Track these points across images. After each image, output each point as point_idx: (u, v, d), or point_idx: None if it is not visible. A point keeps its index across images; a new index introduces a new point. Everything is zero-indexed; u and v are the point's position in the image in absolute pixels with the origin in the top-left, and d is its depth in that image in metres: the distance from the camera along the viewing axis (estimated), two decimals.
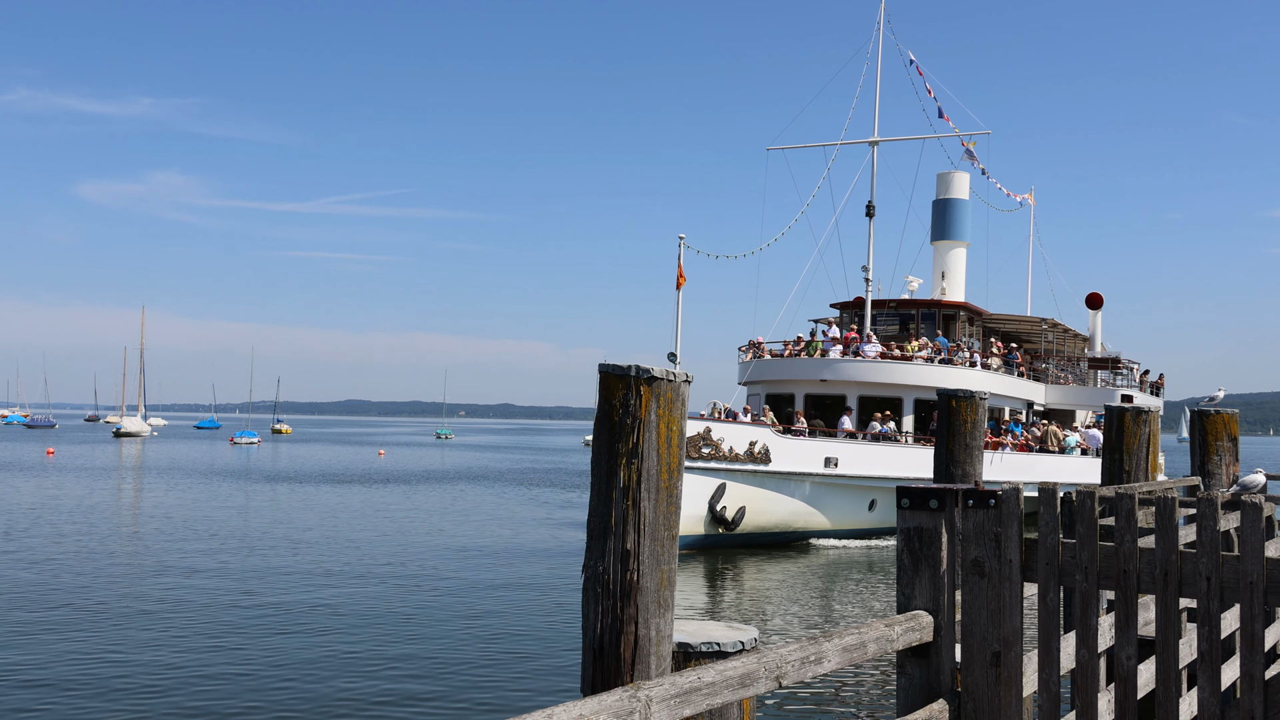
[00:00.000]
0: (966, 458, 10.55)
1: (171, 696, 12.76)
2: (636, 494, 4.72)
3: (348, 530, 31.08)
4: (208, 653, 14.97)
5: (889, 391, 33.65)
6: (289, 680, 13.64)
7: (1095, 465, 34.04)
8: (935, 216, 42.18)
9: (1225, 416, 10.27)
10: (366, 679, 13.75)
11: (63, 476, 51.81)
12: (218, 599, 19.20)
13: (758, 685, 3.84)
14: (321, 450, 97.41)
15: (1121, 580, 4.74)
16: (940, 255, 42.03)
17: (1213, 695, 4.65)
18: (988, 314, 39.90)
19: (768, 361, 35.09)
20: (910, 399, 33.71)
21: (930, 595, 4.99)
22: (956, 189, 41.87)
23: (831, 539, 30.60)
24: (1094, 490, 4.89)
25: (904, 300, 38.89)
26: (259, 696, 12.85)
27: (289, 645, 15.59)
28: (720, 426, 26.97)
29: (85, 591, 19.64)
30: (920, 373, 33.28)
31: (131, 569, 22.53)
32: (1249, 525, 4.54)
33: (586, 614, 4.81)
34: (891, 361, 33.56)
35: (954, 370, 33.53)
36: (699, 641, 4.82)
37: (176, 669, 14.02)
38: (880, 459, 30.77)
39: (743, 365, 35.68)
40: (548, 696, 13.17)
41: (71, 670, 13.86)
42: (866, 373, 33.34)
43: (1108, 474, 9.48)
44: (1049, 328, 42.57)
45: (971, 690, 4.93)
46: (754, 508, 27.84)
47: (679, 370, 5.03)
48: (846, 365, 33.55)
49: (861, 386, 33.69)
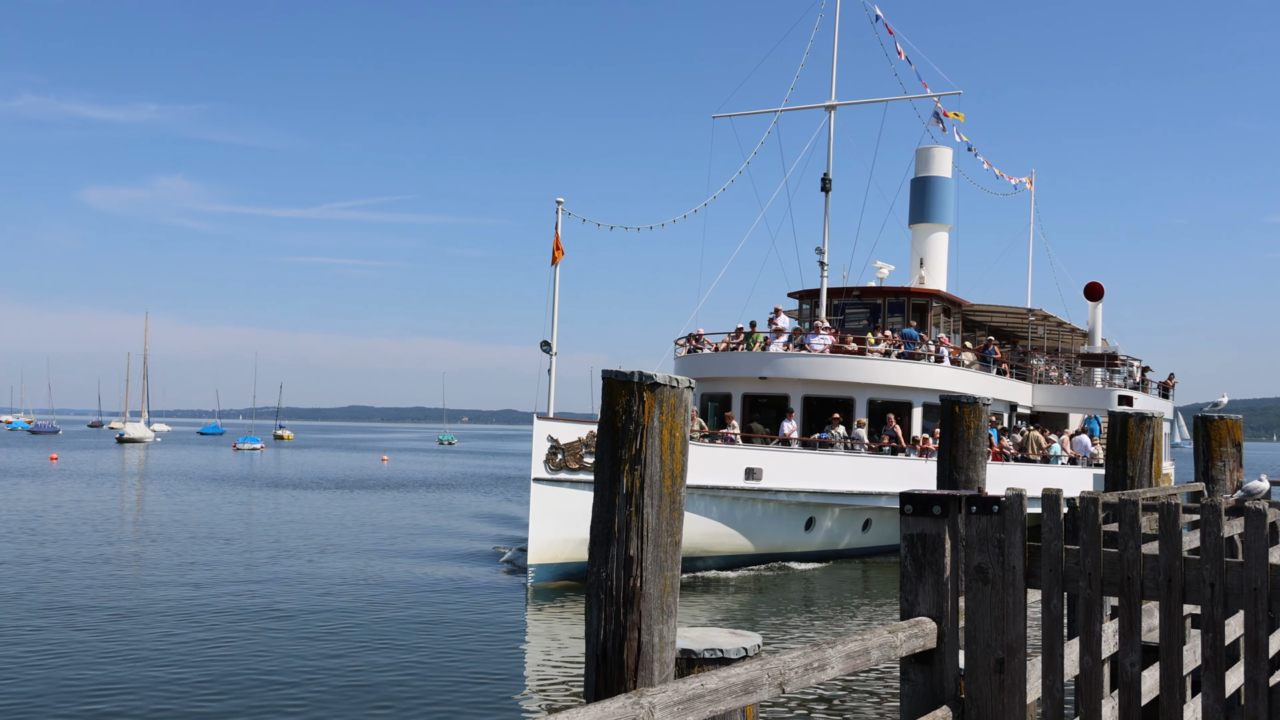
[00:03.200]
0: (970, 463, 10.56)
1: (172, 702, 12.76)
2: (639, 500, 4.72)
3: (354, 536, 31.07)
4: (209, 658, 14.97)
5: (839, 390, 28.91)
6: (286, 685, 13.64)
7: (1085, 476, 30.39)
8: (914, 196, 37.77)
9: (1229, 422, 10.26)
10: (365, 682, 13.75)
11: (66, 483, 51.84)
12: (218, 604, 19.20)
13: (761, 692, 3.84)
14: (323, 456, 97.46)
15: (1125, 586, 4.73)
16: (919, 240, 37.58)
17: (1217, 702, 4.64)
18: (968, 304, 35.24)
19: (704, 357, 30.63)
20: (863, 399, 29.09)
21: (934, 601, 4.98)
22: (937, 166, 37.45)
23: (759, 565, 25.70)
24: (1097, 496, 4.89)
25: (869, 288, 34.14)
26: (260, 700, 12.85)
27: (286, 650, 15.58)
28: None
29: (85, 595, 19.64)
30: (875, 369, 28.78)
31: (131, 574, 22.53)
32: (1253, 531, 4.53)
33: (589, 620, 4.81)
34: (841, 356, 28.87)
35: (915, 367, 29.18)
36: (702, 648, 4.81)
37: (176, 674, 14.02)
38: (818, 470, 25.94)
39: (678, 361, 31.71)
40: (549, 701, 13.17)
41: (70, 676, 13.85)
42: (812, 369, 28.65)
43: (1111, 480, 9.47)
44: (1039, 320, 37.69)
45: (975, 697, 4.92)
46: None
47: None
48: (789, 361, 28.77)
49: (806, 385, 29.00)
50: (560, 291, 23.76)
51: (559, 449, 21.42)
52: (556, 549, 21.50)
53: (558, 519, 21.30)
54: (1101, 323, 38.25)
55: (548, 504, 21.33)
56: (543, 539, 21.35)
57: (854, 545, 27.77)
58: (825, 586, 23.53)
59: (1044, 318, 37.30)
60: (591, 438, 21.71)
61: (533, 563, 21.48)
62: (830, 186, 32.76)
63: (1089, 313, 38.35)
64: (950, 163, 37.64)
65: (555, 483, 21.43)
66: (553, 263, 23.66)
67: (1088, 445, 32.23)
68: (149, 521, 34.19)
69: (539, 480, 21.39)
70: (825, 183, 32.83)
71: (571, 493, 21.57)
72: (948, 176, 37.55)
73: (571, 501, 21.47)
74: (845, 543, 27.54)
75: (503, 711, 12.72)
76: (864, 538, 27.98)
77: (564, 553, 21.55)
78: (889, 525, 27.77)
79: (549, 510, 21.31)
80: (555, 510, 21.29)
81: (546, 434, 21.45)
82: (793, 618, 19.49)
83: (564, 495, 21.44)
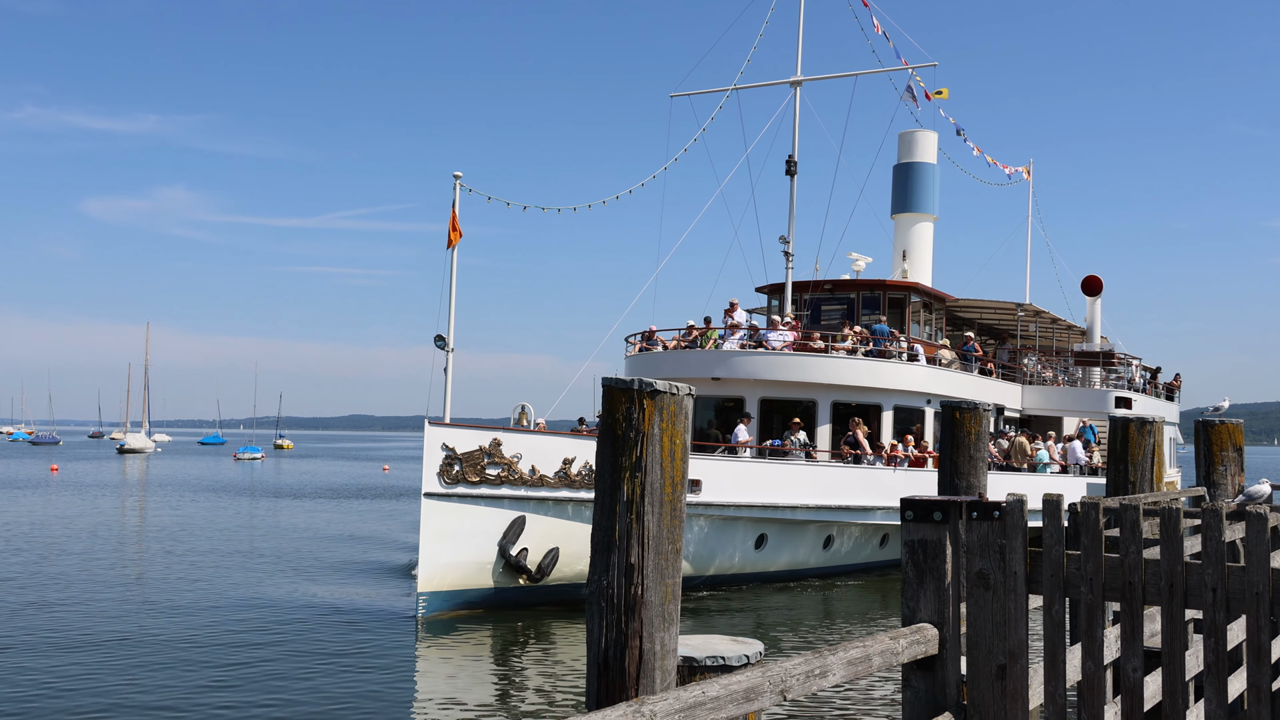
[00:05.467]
0: (970, 469, 10.55)
1: (168, 711, 12.73)
2: (640, 508, 4.73)
3: (354, 543, 31.05)
4: (207, 663, 14.94)
5: (799, 392, 26.25)
6: (284, 690, 13.61)
7: (1077, 486, 27.77)
8: (896, 184, 34.85)
9: (1230, 427, 10.26)
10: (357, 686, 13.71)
11: (66, 493, 51.83)
12: (218, 610, 19.17)
13: (762, 699, 3.83)
14: (324, 466, 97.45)
15: (1127, 592, 4.73)
16: (901, 231, 34.73)
17: (1220, 707, 4.64)
18: (952, 299, 32.36)
19: (655, 356, 27.84)
20: (826, 402, 26.36)
21: (935, 608, 4.98)
22: (921, 151, 34.47)
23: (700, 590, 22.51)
24: (1098, 501, 4.89)
25: (842, 281, 31.07)
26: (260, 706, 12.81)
27: (282, 655, 15.55)
28: (516, 438, 19.52)
29: (84, 607, 19.62)
30: (840, 369, 26.06)
31: (130, 583, 22.51)
32: (1254, 536, 4.53)
33: (591, 628, 4.81)
34: (802, 355, 26.14)
35: (885, 366, 26.60)
36: (703, 655, 4.81)
37: (173, 680, 13.99)
38: (769, 482, 23.08)
39: (629, 361, 28.93)
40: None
41: (67, 685, 13.83)
42: (770, 369, 25.95)
43: (1112, 486, 9.47)
44: (1030, 316, 34.56)
45: (977, 703, 4.92)
46: (571, 550, 19.70)
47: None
48: (744, 360, 26.14)
49: (764, 386, 26.25)
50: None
51: (456, 459, 18.68)
52: (452, 574, 18.86)
53: (454, 540, 18.69)
54: (1100, 320, 35.24)
55: (441, 523, 18.63)
56: (436, 563, 18.66)
57: (815, 565, 24.91)
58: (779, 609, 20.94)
59: (1036, 313, 34.52)
60: (495, 445, 19.00)
61: (423, 590, 18.63)
62: (795, 170, 29.99)
63: (1087, 309, 35.49)
64: (935, 148, 34.80)
65: (451, 498, 18.68)
66: (449, 245, 20.57)
67: (1080, 452, 29.72)
68: (147, 532, 34.16)
69: (431, 495, 18.58)
70: (790, 165, 30.02)
71: (470, 509, 18.90)
72: (932, 163, 34.79)
73: (470, 519, 18.90)
74: (804, 562, 24.61)
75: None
76: (826, 556, 25.06)
77: (461, 578, 18.97)
78: (853, 543, 25.62)
79: (443, 530, 18.61)
80: (450, 530, 18.66)
81: (441, 442, 18.70)
82: (788, 630, 19.47)
83: (461, 512, 18.79)
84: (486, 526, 19.11)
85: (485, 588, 19.37)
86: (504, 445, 19.14)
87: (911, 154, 34.56)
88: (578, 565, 19.40)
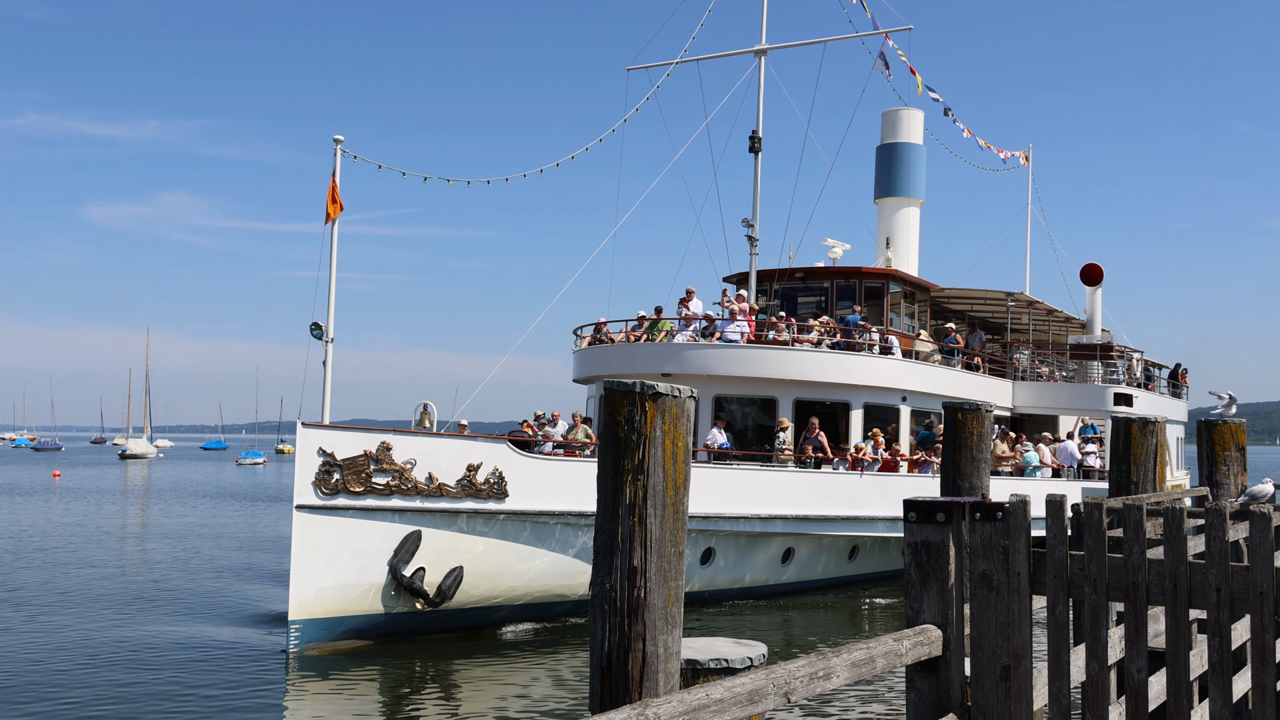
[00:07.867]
0: (973, 470, 10.54)
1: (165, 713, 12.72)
2: (643, 510, 4.73)
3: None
4: (205, 668, 14.95)
5: (758, 389, 24.10)
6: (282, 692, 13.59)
7: (1071, 491, 24.12)
8: (880, 166, 32.65)
9: (1233, 426, 10.25)
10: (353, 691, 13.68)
11: (68, 499, 51.85)
12: (219, 615, 19.18)
13: (766, 702, 3.83)
14: None
15: (1131, 592, 4.72)
16: (886, 216, 32.46)
17: (1224, 707, 4.63)
18: (937, 288, 30.00)
19: (603, 350, 25.53)
20: (788, 399, 24.02)
21: (939, 609, 4.98)
22: (906, 131, 32.15)
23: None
24: (1101, 501, 4.89)
25: (815, 269, 28.60)
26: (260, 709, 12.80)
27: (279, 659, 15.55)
28: (410, 441, 17.02)
29: (85, 611, 19.62)
30: (803, 363, 23.81)
31: (130, 587, 22.52)
32: (1258, 535, 4.53)
33: (594, 631, 4.81)
34: (762, 347, 23.99)
35: (855, 360, 24.25)
36: (707, 658, 4.82)
37: (174, 687, 14.00)
38: (717, 489, 19.99)
39: (576, 355, 26.72)
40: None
41: (66, 686, 13.84)
42: (725, 363, 23.68)
43: (1114, 487, 9.47)
44: (1022, 306, 31.80)
45: (981, 704, 4.91)
46: (477, 570, 17.50)
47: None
48: (697, 354, 23.77)
49: (719, 382, 24.00)
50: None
51: (335, 466, 16.17)
52: (332, 599, 16.24)
53: (332, 559, 16.18)
54: (1100, 311, 32.31)
55: (318, 539, 16.05)
56: (312, 586, 16.03)
57: (771, 582, 22.13)
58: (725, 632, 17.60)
59: (1029, 303, 31.74)
60: (384, 450, 16.52)
61: (295, 619, 15.97)
62: (760, 146, 27.59)
63: (1086, 299, 32.61)
64: (921, 127, 32.39)
65: (330, 510, 16.12)
66: (327, 220, 18.29)
67: (1074, 453, 27.00)
68: (149, 536, 34.17)
69: (304, 508, 16.00)
70: (754, 141, 27.61)
71: (352, 523, 16.32)
72: (918, 143, 32.41)
73: (353, 535, 16.31)
74: (758, 579, 21.87)
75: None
76: (784, 572, 22.31)
77: (342, 603, 16.33)
78: (817, 557, 22.85)
79: (319, 548, 16.07)
80: (329, 548, 16.13)
81: (317, 446, 16.18)
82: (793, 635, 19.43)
83: (342, 527, 16.24)
84: (373, 544, 16.52)
85: (373, 613, 16.69)
86: (394, 450, 16.62)
87: (895, 134, 32.27)
88: (484, 586, 17.61)
